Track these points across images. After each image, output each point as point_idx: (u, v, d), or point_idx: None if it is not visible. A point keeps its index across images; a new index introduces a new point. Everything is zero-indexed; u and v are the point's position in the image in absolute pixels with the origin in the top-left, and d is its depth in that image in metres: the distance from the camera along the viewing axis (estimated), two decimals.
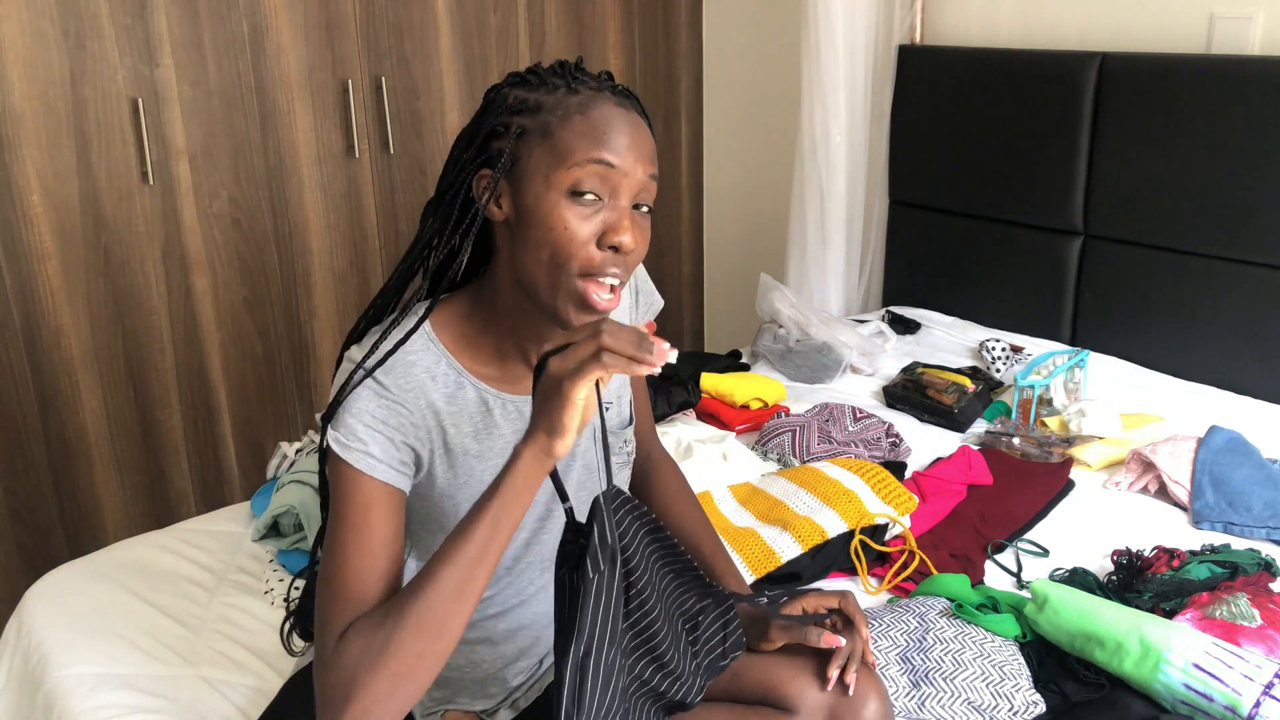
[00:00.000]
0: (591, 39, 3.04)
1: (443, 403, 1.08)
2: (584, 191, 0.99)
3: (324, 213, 2.60)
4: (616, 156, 1.00)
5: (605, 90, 1.04)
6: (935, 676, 1.32)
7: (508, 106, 1.03)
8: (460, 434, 1.09)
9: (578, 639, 0.92)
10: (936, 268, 2.79)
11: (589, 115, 1.01)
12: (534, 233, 1.01)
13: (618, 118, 1.02)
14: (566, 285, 1.00)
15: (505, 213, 1.04)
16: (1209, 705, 1.24)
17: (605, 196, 1.00)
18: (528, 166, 1.02)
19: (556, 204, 1.00)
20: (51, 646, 1.50)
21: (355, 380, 1.02)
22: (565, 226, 0.99)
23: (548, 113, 1.02)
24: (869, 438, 2.03)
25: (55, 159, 2.20)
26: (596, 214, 1.00)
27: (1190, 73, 2.19)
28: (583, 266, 1.00)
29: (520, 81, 1.05)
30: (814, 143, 2.72)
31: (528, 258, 1.02)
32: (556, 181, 1.00)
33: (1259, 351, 2.21)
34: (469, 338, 1.10)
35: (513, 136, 1.02)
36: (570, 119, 1.01)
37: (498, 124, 1.03)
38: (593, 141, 1.00)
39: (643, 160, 1.02)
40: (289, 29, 2.44)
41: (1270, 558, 1.59)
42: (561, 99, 1.02)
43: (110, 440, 2.39)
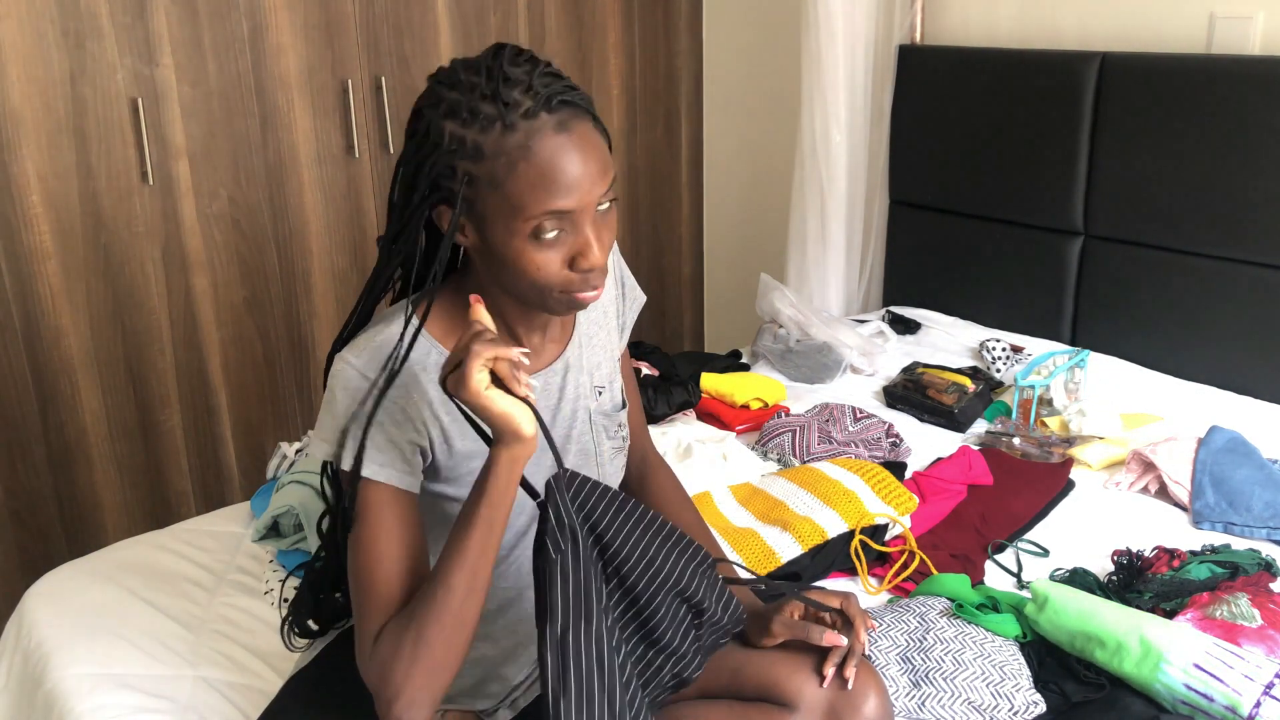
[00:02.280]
0: (591, 39, 3.04)
1: (436, 392, 1.09)
2: (545, 234, 1.00)
3: (324, 213, 2.60)
4: (571, 199, 0.99)
5: (540, 112, 0.98)
6: (935, 676, 1.32)
7: (447, 147, 0.99)
8: (456, 419, 1.10)
9: (551, 620, 0.97)
10: (936, 268, 2.79)
11: (532, 161, 0.97)
12: (507, 267, 1.03)
13: (562, 151, 0.98)
14: (552, 300, 1.05)
15: (472, 241, 1.05)
16: (1209, 705, 1.24)
17: (567, 228, 1.01)
18: (485, 210, 1.01)
19: (522, 249, 1.01)
20: (51, 646, 1.50)
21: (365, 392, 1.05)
22: (536, 267, 1.01)
23: (491, 160, 0.98)
24: (869, 438, 2.03)
25: (55, 159, 2.19)
26: (563, 243, 1.01)
27: (1190, 73, 2.19)
28: (562, 287, 1.03)
29: (451, 111, 0.99)
30: (814, 143, 2.72)
31: (508, 282, 1.05)
32: (517, 230, 1.00)
33: (1259, 351, 2.21)
34: (456, 325, 1.12)
35: (462, 181, 1.00)
36: (516, 168, 0.97)
37: (443, 165, 1.00)
38: (544, 192, 0.98)
39: (597, 178, 1.00)
40: (289, 29, 2.44)
41: (1270, 558, 1.59)
42: (500, 141, 0.97)
43: (110, 440, 2.39)
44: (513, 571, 1.20)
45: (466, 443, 1.11)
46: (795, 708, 1.18)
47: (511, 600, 1.22)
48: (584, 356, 1.21)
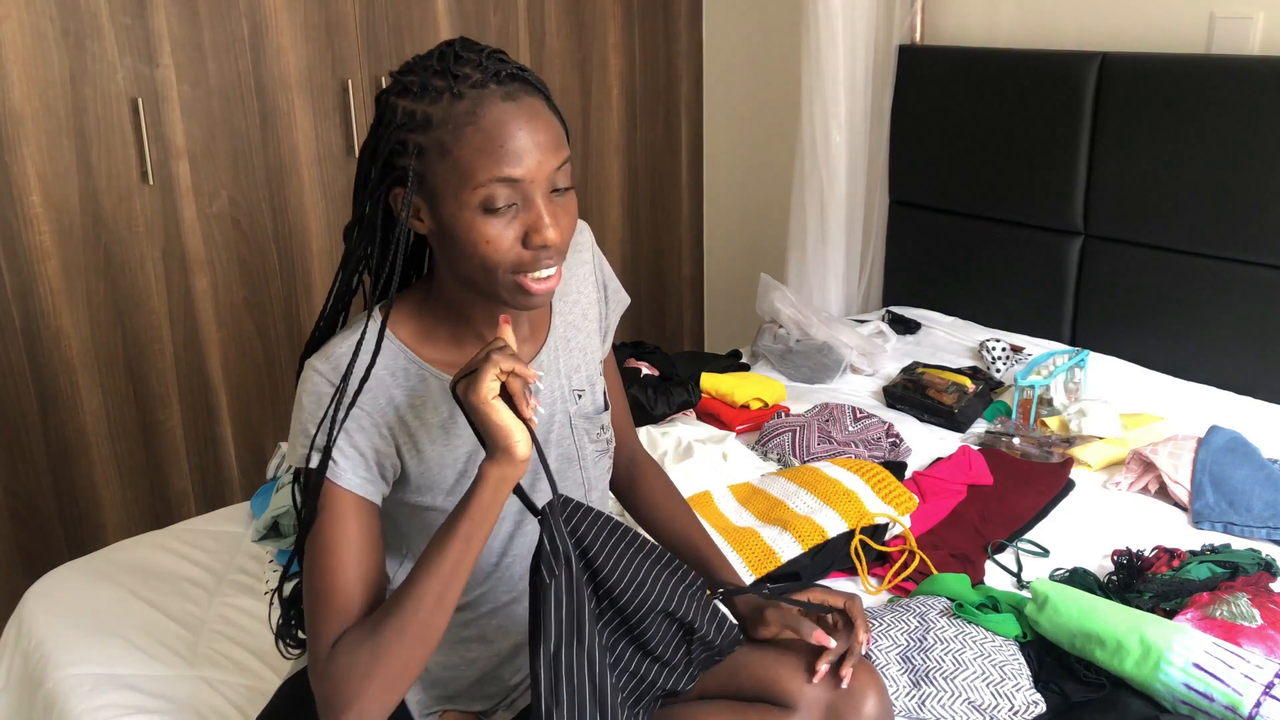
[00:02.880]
0: (591, 39, 3.04)
1: (404, 396, 1.09)
2: (496, 205, 0.99)
3: (324, 213, 2.60)
4: (519, 167, 0.98)
5: (490, 83, 0.99)
6: (935, 676, 1.32)
7: (399, 123, 1.00)
8: (425, 425, 1.10)
9: (545, 640, 0.97)
10: (936, 268, 2.79)
11: (480, 125, 0.97)
12: (459, 246, 1.01)
13: (510, 119, 0.98)
14: (504, 281, 1.02)
15: (427, 225, 1.04)
16: (1209, 705, 1.24)
17: (519, 202, 1.00)
18: (436, 184, 1.00)
19: (473, 222, 1.00)
20: (51, 646, 1.50)
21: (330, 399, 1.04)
22: (487, 241, 1.00)
23: (439, 128, 0.98)
24: (869, 438, 2.03)
25: (55, 159, 2.19)
26: (514, 218, 1.00)
27: (1190, 73, 2.19)
28: (513, 266, 1.02)
29: (404, 89, 1.01)
30: (814, 143, 2.72)
31: (461, 264, 1.03)
32: (466, 200, 0.99)
33: (1259, 351, 2.20)
34: (425, 331, 1.11)
35: (412, 155, 1.00)
36: (462, 133, 0.98)
37: (395, 142, 1.00)
38: (491, 158, 0.97)
39: (547, 152, 1.00)
40: (289, 29, 2.44)
41: (1270, 558, 1.59)
42: (448, 109, 0.98)
43: (110, 440, 2.39)
44: (508, 576, 1.20)
45: (436, 448, 1.10)
46: (794, 708, 1.18)
47: (506, 604, 1.22)
48: (561, 359, 1.21)
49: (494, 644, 1.24)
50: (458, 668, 1.24)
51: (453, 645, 1.23)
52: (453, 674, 1.24)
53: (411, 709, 1.23)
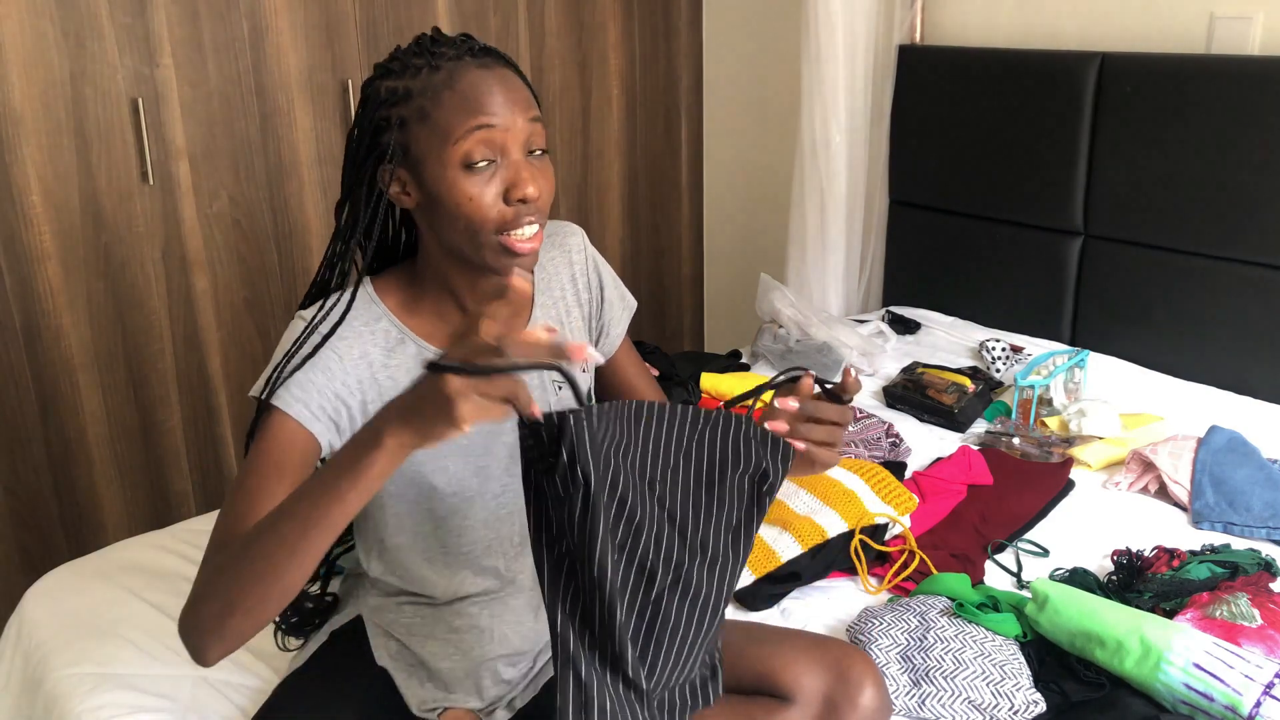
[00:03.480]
0: (591, 39, 3.04)
1: (379, 354, 1.12)
2: (475, 161, 1.04)
3: (324, 213, 2.60)
4: (493, 117, 1.04)
5: (464, 56, 1.06)
6: (936, 675, 1.32)
7: (381, 100, 1.06)
8: (397, 386, 1.12)
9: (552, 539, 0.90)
10: (936, 268, 2.79)
11: (456, 87, 1.04)
12: (444, 210, 1.06)
13: (482, 79, 1.05)
14: (489, 243, 1.06)
15: (414, 199, 1.09)
16: (1209, 705, 1.24)
17: (497, 157, 1.05)
18: (418, 152, 1.06)
19: (455, 180, 1.04)
20: (51, 646, 1.50)
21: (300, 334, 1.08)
22: (470, 198, 1.04)
23: (419, 96, 1.05)
24: (869, 438, 2.03)
25: (55, 159, 2.19)
26: (494, 175, 1.05)
27: (1190, 73, 2.19)
28: (497, 225, 1.05)
29: (387, 72, 1.08)
30: (814, 143, 2.72)
31: (446, 232, 1.07)
32: (448, 159, 1.04)
33: (1259, 351, 2.21)
34: (410, 302, 1.15)
35: (395, 127, 1.06)
36: (440, 97, 1.04)
37: (378, 119, 1.06)
38: (467, 112, 1.03)
39: (520, 108, 1.06)
40: (289, 29, 2.44)
41: (1270, 558, 1.59)
42: (427, 80, 1.05)
43: (110, 440, 2.39)
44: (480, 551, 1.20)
45: None
46: (793, 700, 1.19)
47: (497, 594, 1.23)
48: None
49: (495, 642, 1.24)
50: (451, 657, 1.24)
51: (446, 635, 1.24)
52: (448, 664, 1.24)
53: (411, 705, 1.23)
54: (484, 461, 1.18)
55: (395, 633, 1.24)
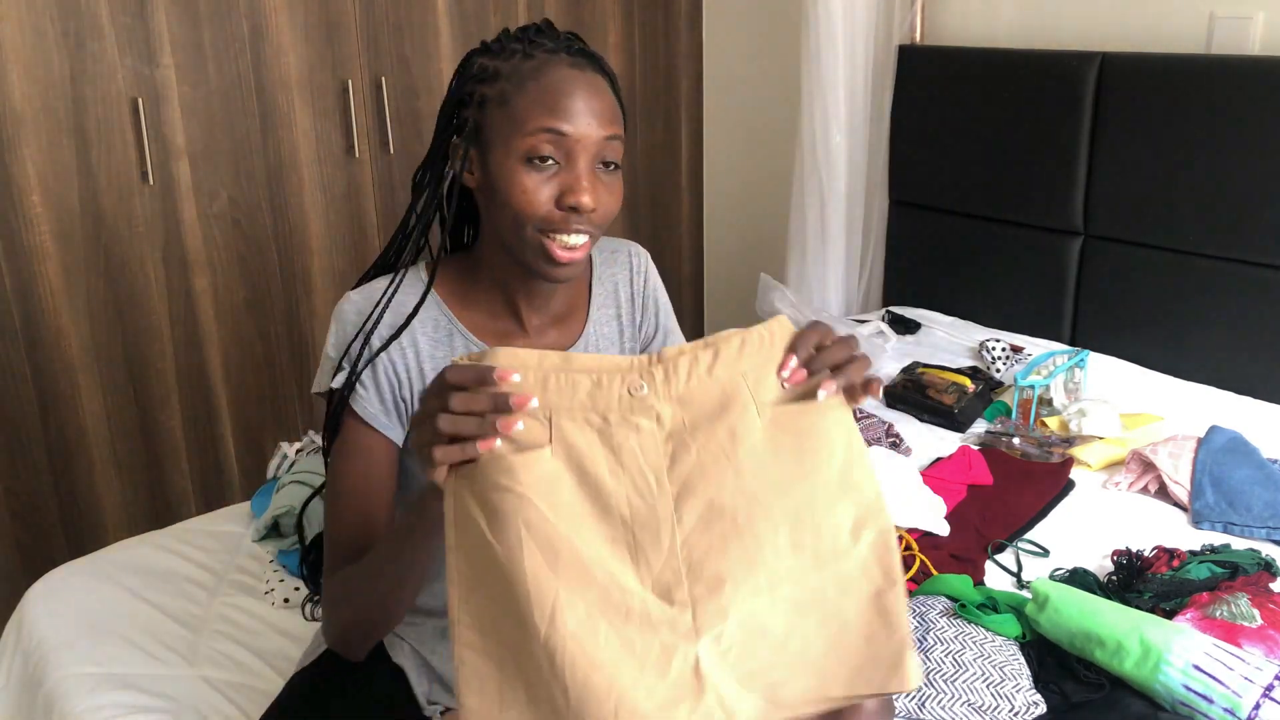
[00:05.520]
0: (591, 39, 3.02)
1: (426, 344, 1.13)
2: (539, 157, 1.03)
3: (324, 213, 2.60)
4: (568, 123, 1.03)
5: (561, 52, 1.06)
6: (935, 678, 1.32)
7: (473, 74, 1.07)
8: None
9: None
10: (936, 268, 2.79)
11: (541, 81, 1.04)
12: (498, 196, 1.05)
13: (570, 81, 1.04)
14: (530, 240, 1.05)
15: (477, 179, 1.09)
16: (1208, 707, 1.24)
17: (561, 160, 1.04)
18: (489, 134, 1.06)
19: (515, 170, 1.04)
20: (51, 646, 1.50)
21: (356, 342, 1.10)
22: (524, 191, 1.04)
23: (505, 80, 1.05)
24: (869, 438, 2.03)
25: (55, 159, 2.19)
26: (554, 176, 1.04)
27: (1190, 73, 2.19)
28: (541, 223, 1.05)
29: (485, 49, 1.09)
30: (814, 143, 2.72)
31: (498, 218, 1.07)
32: (514, 148, 1.04)
33: (1259, 351, 2.20)
34: (464, 292, 1.15)
35: (476, 105, 1.06)
36: (524, 86, 1.04)
37: (465, 92, 1.07)
38: (545, 109, 1.03)
39: (599, 120, 1.04)
40: (289, 29, 2.44)
41: (1270, 558, 1.59)
42: (517, 65, 1.05)
43: (110, 440, 2.39)
44: None
45: None
46: None
47: None
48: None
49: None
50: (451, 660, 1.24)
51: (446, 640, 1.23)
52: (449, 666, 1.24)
53: (420, 699, 1.24)
54: None
55: (406, 636, 1.24)
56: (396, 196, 2.72)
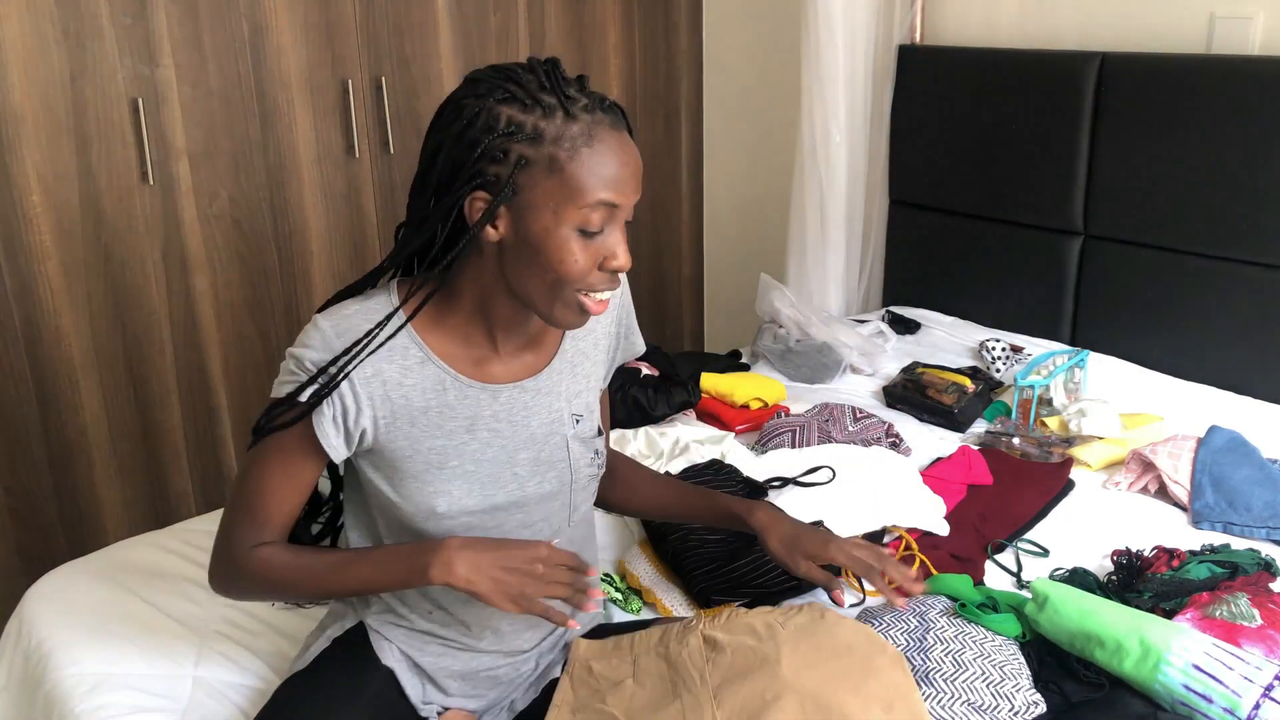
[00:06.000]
0: (591, 39, 3.04)
1: (395, 373, 1.10)
2: (592, 230, 1.03)
3: (324, 213, 2.59)
4: (621, 195, 1.04)
5: (597, 110, 1.04)
6: (935, 677, 1.32)
7: (501, 129, 1.01)
8: (410, 407, 1.11)
9: None
10: (936, 268, 2.79)
11: (596, 148, 1.02)
12: (539, 259, 1.04)
13: (620, 149, 1.04)
14: (569, 300, 1.06)
15: (501, 234, 1.06)
16: (1208, 707, 1.24)
17: (606, 228, 1.05)
18: (533, 198, 1.02)
19: (567, 240, 1.03)
20: (51, 646, 1.50)
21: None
22: (575, 260, 1.04)
23: (552, 144, 1.01)
24: (869, 438, 2.03)
25: (55, 159, 2.19)
26: (595, 243, 1.05)
27: (1190, 73, 2.19)
28: (583, 286, 1.06)
29: (508, 97, 1.02)
30: (814, 143, 2.72)
31: (527, 277, 1.06)
32: (566, 218, 1.02)
33: (1259, 351, 2.21)
34: (435, 318, 1.13)
35: (513, 164, 1.01)
36: (578, 154, 1.01)
37: (494, 147, 1.01)
38: (602, 182, 1.02)
39: (638, 187, 1.07)
40: (289, 29, 2.44)
41: (1270, 558, 1.59)
42: (563, 127, 1.01)
43: (110, 440, 2.39)
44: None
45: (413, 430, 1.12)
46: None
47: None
48: (564, 383, 1.21)
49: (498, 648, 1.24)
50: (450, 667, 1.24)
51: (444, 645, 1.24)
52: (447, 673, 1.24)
53: (414, 701, 1.24)
54: (490, 490, 1.17)
55: (395, 639, 1.24)
56: (397, 196, 2.72)
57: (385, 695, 1.21)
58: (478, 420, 1.14)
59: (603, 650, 1.21)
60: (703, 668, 1.14)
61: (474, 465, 1.15)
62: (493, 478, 1.16)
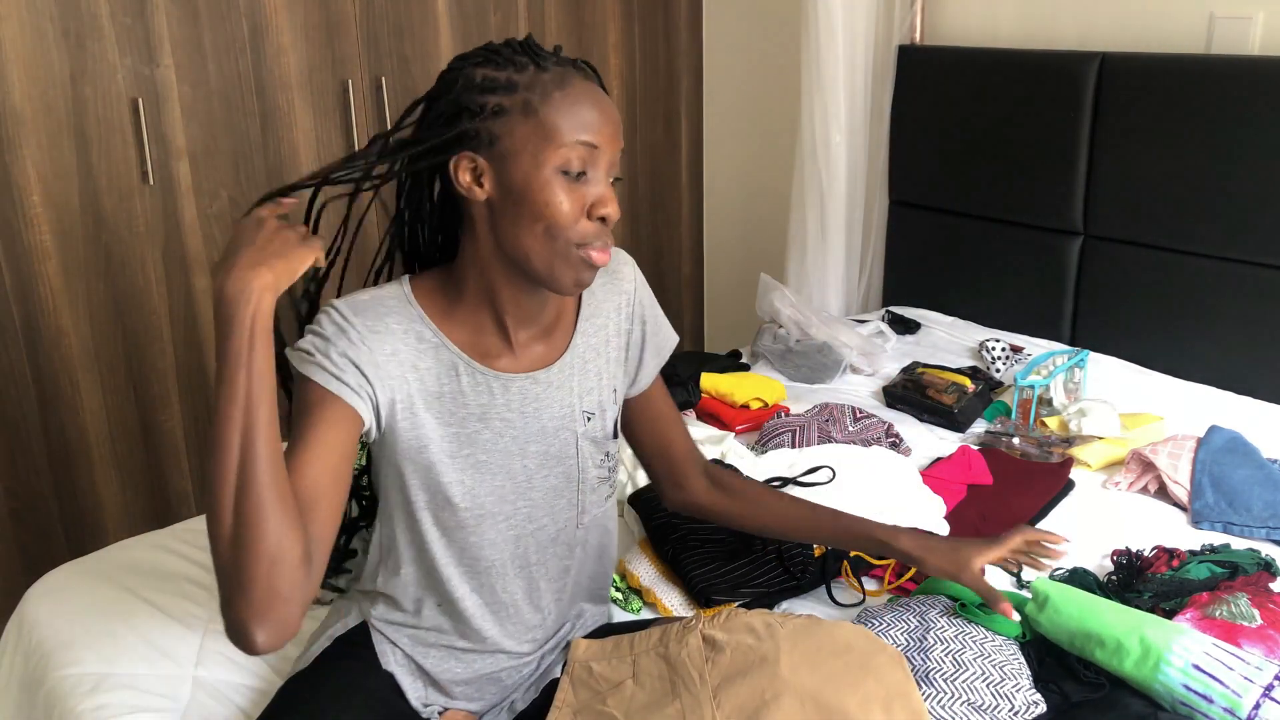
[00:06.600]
0: (591, 39, 3.04)
1: (410, 354, 1.11)
2: (572, 170, 1.04)
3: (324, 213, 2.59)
4: (598, 136, 1.04)
5: (569, 66, 1.06)
6: (935, 677, 1.32)
7: (475, 84, 1.04)
8: (426, 392, 1.11)
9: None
10: (936, 268, 2.79)
11: (568, 92, 1.04)
12: (526, 209, 1.05)
13: (591, 95, 1.05)
14: (567, 255, 1.06)
15: (488, 192, 1.07)
16: (1208, 706, 1.24)
17: (588, 172, 1.05)
18: (511, 145, 1.04)
19: (548, 182, 1.04)
20: (51, 646, 1.50)
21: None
22: (560, 203, 1.04)
23: (525, 90, 1.03)
24: (869, 438, 2.03)
25: (55, 159, 2.19)
26: (580, 188, 1.05)
27: (1190, 73, 2.19)
28: (579, 239, 1.06)
29: (484, 59, 1.06)
30: (814, 143, 2.72)
31: (519, 232, 1.06)
32: (545, 159, 1.03)
33: (1259, 351, 2.21)
34: (446, 308, 1.14)
35: (489, 114, 1.04)
36: (550, 97, 1.03)
37: (467, 102, 1.04)
38: (576, 122, 1.03)
39: (616, 135, 1.07)
40: (289, 29, 2.44)
41: (1270, 558, 1.59)
42: (535, 76, 1.04)
43: (110, 440, 2.39)
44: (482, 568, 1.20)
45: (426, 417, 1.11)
46: None
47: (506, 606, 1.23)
48: (575, 378, 1.21)
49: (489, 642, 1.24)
50: (454, 670, 1.24)
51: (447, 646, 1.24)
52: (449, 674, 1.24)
53: (413, 702, 1.24)
54: (500, 481, 1.17)
55: (398, 641, 1.24)
56: None
57: (386, 696, 1.21)
58: (490, 409, 1.14)
59: (602, 651, 1.21)
60: (702, 667, 1.14)
61: (486, 455, 1.15)
62: (504, 468, 1.17)
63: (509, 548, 1.20)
